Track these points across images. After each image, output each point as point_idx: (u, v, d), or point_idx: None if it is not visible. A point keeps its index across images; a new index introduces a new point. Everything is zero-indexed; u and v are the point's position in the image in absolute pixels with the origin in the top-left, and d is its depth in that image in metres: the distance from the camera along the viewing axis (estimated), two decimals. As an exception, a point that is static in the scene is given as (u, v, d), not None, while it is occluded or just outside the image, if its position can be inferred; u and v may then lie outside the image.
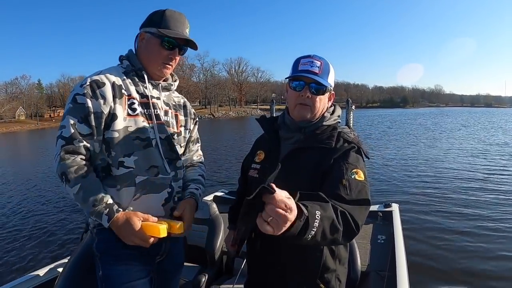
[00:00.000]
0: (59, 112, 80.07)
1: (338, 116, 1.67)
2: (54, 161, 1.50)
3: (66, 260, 2.26)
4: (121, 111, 1.55)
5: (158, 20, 1.61)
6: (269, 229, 0.93)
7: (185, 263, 1.96)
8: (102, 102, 1.51)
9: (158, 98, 1.70)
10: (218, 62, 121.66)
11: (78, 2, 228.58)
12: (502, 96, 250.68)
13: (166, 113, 1.72)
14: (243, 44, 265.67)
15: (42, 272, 2.60)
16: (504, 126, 35.47)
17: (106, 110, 1.52)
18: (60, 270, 2.45)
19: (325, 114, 1.61)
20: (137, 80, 1.65)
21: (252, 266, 1.75)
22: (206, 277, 2.68)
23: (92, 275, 1.61)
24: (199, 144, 2.01)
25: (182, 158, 1.82)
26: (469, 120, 49.32)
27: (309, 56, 1.56)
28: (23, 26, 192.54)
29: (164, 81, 1.75)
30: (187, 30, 1.66)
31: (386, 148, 18.59)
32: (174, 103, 1.80)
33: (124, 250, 1.54)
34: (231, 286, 2.68)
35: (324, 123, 1.59)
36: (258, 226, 0.94)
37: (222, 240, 3.01)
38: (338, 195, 1.33)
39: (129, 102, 1.59)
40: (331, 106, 1.67)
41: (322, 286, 1.53)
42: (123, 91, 1.58)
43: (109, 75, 1.57)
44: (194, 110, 1.95)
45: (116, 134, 1.54)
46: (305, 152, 1.53)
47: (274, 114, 4.11)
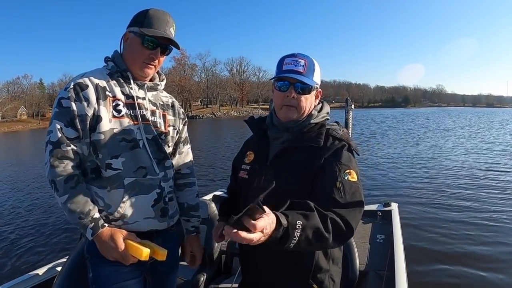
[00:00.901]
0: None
1: (327, 113, 1.65)
2: (45, 166, 1.51)
3: (64, 259, 2.26)
4: (105, 113, 1.54)
5: (141, 19, 1.61)
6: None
7: (182, 262, 1.96)
8: (85, 104, 1.51)
9: (144, 99, 1.68)
10: (220, 61, 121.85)
11: (80, 2, 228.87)
12: (504, 96, 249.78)
13: (153, 113, 1.70)
14: (245, 43, 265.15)
15: (41, 271, 2.61)
16: (506, 126, 35.36)
17: (90, 113, 1.52)
18: (58, 269, 2.45)
19: (312, 112, 1.59)
20: (122, 81, 1.64)
21: (245, 268, 1.75)
22: (205, 276, 2.68)
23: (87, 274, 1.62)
24: (189, 145, 1.99)
25: (173, 160, 1.83)
26: (471, 119, 49.21)
27: (293, 55, 1.54)
28: (24, 26, 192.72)
29: (150, 81, 1.74)
30: (172, 29, 1.65)
31: (386, 146, 18.60)
32: (162, 103, 1.79)
33: None
34: (230, 285, 2.68)
35: (311, 121, 1.57)
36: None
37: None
38: (332, 199, 1.34)
39: (113, 104, 1.58)
40: (319, 103, 1.66)
41: (315, 286, 1.53)
42: (107, 93, 1.58)
43: (92, 77, 1.57)
44: (183, 110, 1.94)
45: (102, 136, 1.54)
46: (294, 151, 1.52)
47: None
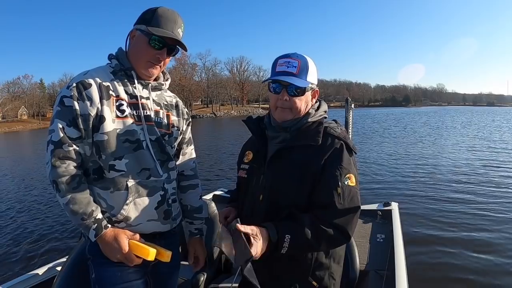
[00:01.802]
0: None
1: (325, 111, 1.65)
2: (46, 166, 1.48)
3: (64, 259, 2.26)
4: (109, 113, 1.51)
5: (149, 17, 1.56)
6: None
7: (183, 262, 1.95)
8: (88, 104, 1.47)
9: (148, 98, 1.64)
10: (220, 61, 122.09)
11: (80, 1, 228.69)
12: (504, 95, 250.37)
13: (156, 113, 1.67)
14: (245, 42, 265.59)
15: (41, 271, 2.61)
16: (506, 125, 35.33)
17: (93, 112, 1.48)
18: (58, 269, 2.45)
19: (309, 111, 1.59)
20: (125, 80, 1.60)
21: None
22: (205, 276, 2.68)
23: (89, 275, 1.61)
24: (193, 146, 1.95)
25: (177, 162, 1.81)
26: (471, 118, 49.14)
27: (287, 55, 1.53)
28: (25, 26, 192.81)
29: (154, 80, 1.70)
30: (180, 30, 1.60)
31: (387, 146, 18.59)
32: (165, 103, 1.75)
33: None
34: (230, 285, 2.67)
35: (309, 120, 1.57)
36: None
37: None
38: (331, 203, 1.41)
39: (117, 104, 1.54)
40: (316, 102, 1.66)
41: (314, 283, 1.54)
42: (111, 92, 1.53)
43: (95, 76, 1.53)
44: (187, 110, 1.90)
45: (105, 137, 1.50)
46: (292, 150, 1.53)
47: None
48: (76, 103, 1.46)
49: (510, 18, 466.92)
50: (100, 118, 1.49)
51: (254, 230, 1.35)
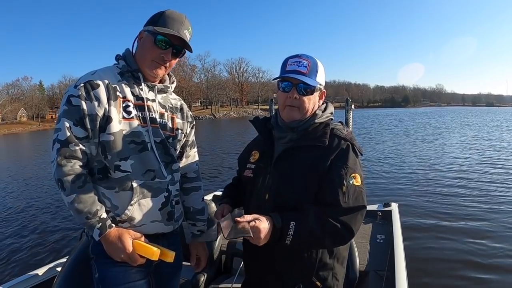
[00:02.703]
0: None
1: (331, 113, 1.67)
2: (52, 165, 1.48)
3: (65, 259, 2.26)
4: (116, 114, 1.52)
5: (156, 19, 1.58)
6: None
7: (184, 263, 1.96)
8: (96, 104, 1.48)
9: (154, 101, 1.66)
10: (219, 62, 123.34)
11: (80, 4, 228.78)
12: (503, 95, 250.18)
13: (162, 115, 1.68)
14: (244, 44, 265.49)
15: (41, 271, 2.61)
16: (506, 125, 35.38)
17: (100, 113, 1.49)
18: (59, 269, 2.45)
19: (316, 112, 1.61)
20: (132, 81, 1.62)
21: (248, 265, 1.76)
22: (205, 276, 2.68)
23: (90, 275, 1.61)
24: (196, 149, 1.98)
25: (180, 164, 1.82)
26: (471, 118, 49.16)
27: (297, 55, 1.55)
28: (24, 27, 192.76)
29: (160, 83, 1.71)
30: (187, 32, 1.61)
31: (386, 146, 18.60)
32: (170, 106, 1.76)
33: None
34: (230, 285, 2.68)
35: (316, 121, 1.59)
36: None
37: (221, 240, 3.01)
38: (336, 201, 1.42)
39: (124, 105, 1.55)
40: (323, 103, 1.68)
41: (318, 284, 1.54)
42: (118, 93, 1.55)
43: (103, 76, 1.54)
44: (191, 113, 1.92)
45: (111, 138, 1.51)
46: (298, 151, 1.54)
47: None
48: (83, 103, 1.47)
49: (508, 17, 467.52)
50: (107, 119, 1.51)
51: (255, 216, 1.38)
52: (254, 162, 1.71)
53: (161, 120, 1.67)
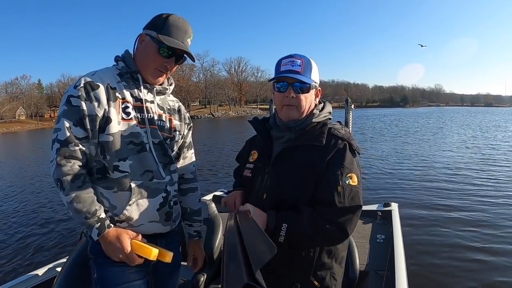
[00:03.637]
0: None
1: (329, 112, 1.68)
2: (51, 165, 1.49)
3: (64, 259, 2.26)
4: (115, 115, 1.53)
5: (160, 24, 1.57)
6: None
7: (183, 263, 1.96)
8: (96, 104, 1.49)
9: (152, 102, 1.67)
10: (218, 61, 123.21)
11: (79, 2, 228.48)
12: (502, 95, 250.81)
13: (160, 117, 1.70)
14: (243, 43, 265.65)
15: (41, 271, 2.61)
16: (504, 125, 35.45)
17: (100, 113, 1.50)
18: (58, 270, 2.45)
19: (314, 111, 1.62)
20: (131, 83, 1.63)
21: None
22: (205, 276, 2.67)
23: (90, 275, 1.61)
24: (193, 150, 1.99)
25: (178, 165, 1.83)
26: (470, 119, 49.20)
27: (290, 56, 1.57)
28: (22, 26, 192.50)
29: (159, 84, 1.72)
30: (189, 40, 1.63)
31: (386, 146, 18.58)
32: (168, 107, 1.78)
33: None
34: None
35: (313, 120, 1.60)
36: None
37: (220, 240, 3.00)
38: (332, 202, 1.43)
39: (123, 106, 1.56)
40: (321, 102, 1.69)
41: (316, 283, 1.54)
42: (117, 94, 1.56)
43: (103, 77, 1.55)
44: (188, 115, 1.94)
45: (110, 138, 1.52)
46: (296, 150, 1.55)
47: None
48: (83, 103, 1.48)
49: (507, 17, 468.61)
50: (106, 119, 1.51)
51: (255, 209, 1.48)
52: (253, 162, 1.73)
53: (159, 121, 1.69)
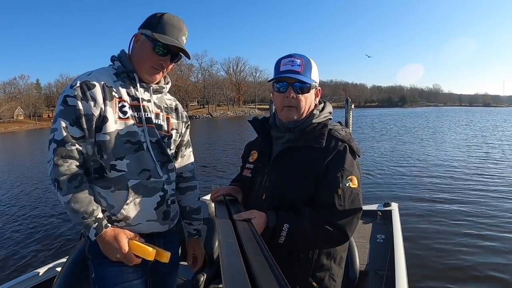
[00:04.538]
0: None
1: (330, 112, 1.66)
2: (48, 165, 1.49)
3: (64, 259, 2.26)
4: (111, 114, 1.53)
5: (155, 23, 1.58)
6: None
7: (183, 263, 1.95)
8: (92, 104, 1.49)
9: (149, 101, 1.67)
10: (216, 61, 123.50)
11: (76, 2, 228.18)
12: (500, 95, 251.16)
13: (157, 116, 1.70)
14: (241, 43, 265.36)
15: (41, 271, 2.62)
16: (503, 124, 35.54)
17: (96, 113, 1.50)
18: (58, 269, 2.45)
19: (314, 112, 1.61)
20: (128, 82, 1.63)
21: None
22: (205, 276, 2.67)
23: (89, 275, 1.61)
24: (191, 148, 1.99)
25: (176, 164, 1.83)
26: (468, 118, 49.28)
27: (289, 55, 1.56)
28: (21, 25, 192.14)
29: (155, 83, 1.72)
30: (184, 37, 1.63)
31: (385, 146, 18.57)
32: (165, 106, 1.78)
33: None
34: None
35: (313, 121, 1.58)
36: None
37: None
38: (332, 204, 1.43)
39: (119, 105, 1.57)
40: (321, 103, 1.67)
41: (314, 284, 1.54)
42: (114, 94, 1.56)
43: (99, 77, 1.55)
44: (186, 113, 1.94)
45: (107, 137, 1.53)
46: (296, 151, 1.54)
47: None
48: (79, 103, 1.48)
49: (505, 17, 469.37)
50: (103, 119, 1.52)
51: (251, 213, 1.44)
52: (252, 162, 1.73)
53: (156, 120, 1.69)
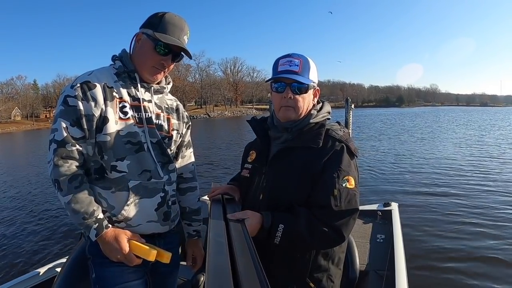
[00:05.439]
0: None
1: (328, 112, 1.65)
2: (48, 165, 1.48)
3: (64, 259, 2.25)
4: (112, 114, 1.52)
5: (156, 22, 1.56)
6: None
7: (183, 263, 1.95)
8: (93, 104, 1.48)
9: (150, 101, 1.66)
10: (214, 62, 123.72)
11: (74, 2, 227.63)
12: (497, 95, 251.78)
13: (158, 116, 1.69)
14: (239, 43, 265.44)
15: (41, 271, 2.62)
16: (500, 124, 35.65)
17: (97, 113, 1.49)
18: (58, 269, 2.44)
19: (311, 112, 1.60)
20: (129, 82, 1.62)
21: None
22: (205, 276, 2.67)
23: (89, 275, 1.61)
24: (192, 149, 1.98)
25: (176, 164, 1.83)
26: (466, 118, 49.39)
27: (288, 55, 1.55)
28: (19, 26, 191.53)
29: (156, 83, 1.71)
30: (186, 37, 1.61)
31: (385, 146, 18.60)
32: (166, 106, 1.77)
33: None
34: None
35: (311, 121, 1.58)
36: None
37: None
38: (328, 205, 1.41)
39: (120, 105, 1.55)
40: (319, 102, 1.66)
41: (312, 285, 1.53)
42: (114, 94, 1.55)
43: (100, 77, 1.54)
44: (187, 114, 1.92)
45: (108, 138, 1.51)
46: (293, 151, 1.54)
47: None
48: (80, 103, 1.47)
49: (503, 16, 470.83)
50: (103, 119, 1.51)
51: (245, 213, 1.44)
52: (251, 162, 1.73)
53: (157, 120, 1.68)
